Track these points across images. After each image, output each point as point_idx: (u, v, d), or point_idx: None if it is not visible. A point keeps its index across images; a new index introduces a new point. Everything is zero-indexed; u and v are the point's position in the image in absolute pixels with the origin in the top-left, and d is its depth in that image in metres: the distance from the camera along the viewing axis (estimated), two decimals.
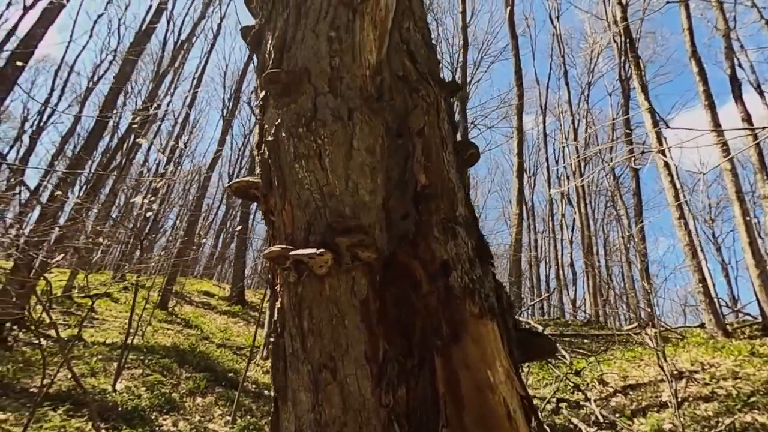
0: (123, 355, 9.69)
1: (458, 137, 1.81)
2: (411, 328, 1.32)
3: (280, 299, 1.47)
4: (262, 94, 1.63)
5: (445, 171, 1.56)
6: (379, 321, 1.32)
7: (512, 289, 15.81)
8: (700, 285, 14.13)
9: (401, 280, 1.40)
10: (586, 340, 16.77)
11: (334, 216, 1.37)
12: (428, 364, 1.25)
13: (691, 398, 8.60)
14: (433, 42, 2.03)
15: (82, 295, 17.18)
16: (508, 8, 22.51)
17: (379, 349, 1.29)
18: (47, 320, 13.85)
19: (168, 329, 16.44)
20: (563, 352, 12.83)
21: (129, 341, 10.09)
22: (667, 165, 15.27)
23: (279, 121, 1.50)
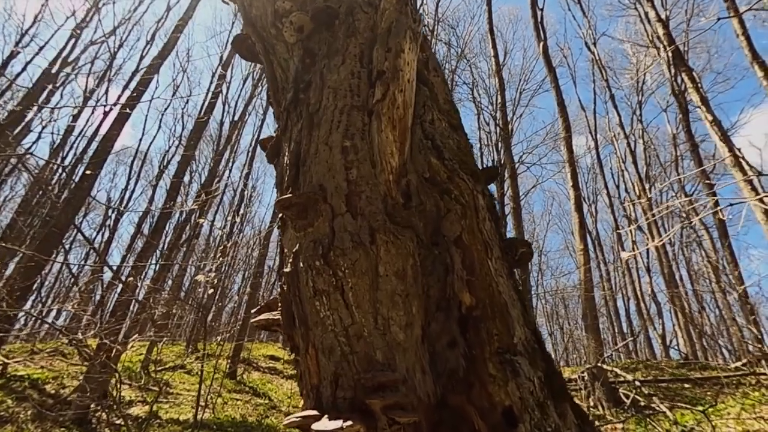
0: None
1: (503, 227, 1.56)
2: None
3: None
4: (280, 214, 1.50)
5: (493, 284, 1.30)
6: None
7: (589, 335, 14.37)
8: None
9: (458, 430, 1.13)
10: (687, 385, 14.68)
11: (363, 364, 1.14)
12: None
13: None
14: (470, 87, 1.83)
15: (158, 369, 17.91)
16: (541, 43, 22.41)
17: None
18: (127, 398, 14.42)
19: (237, 399, 16.54)
20: (661, 406, 11.21)
21: (199, 417, 10.15)
22: (749, 182, 13.81)
23: (297, 247, 1.34)
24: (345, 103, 1.49)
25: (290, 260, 1.35)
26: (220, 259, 9.93)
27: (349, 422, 0.98)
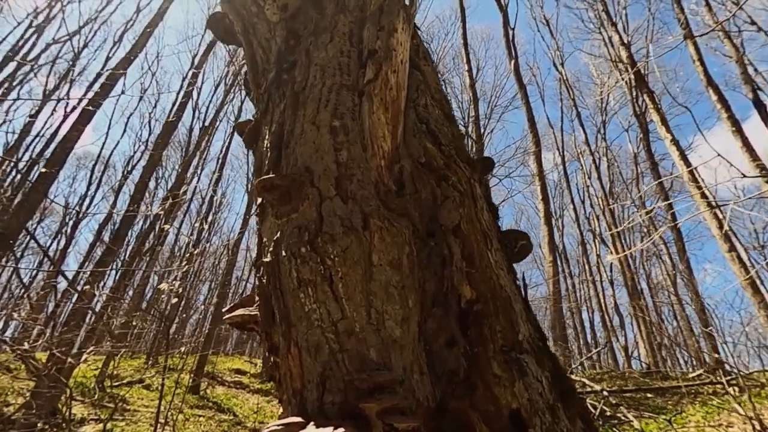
0: None
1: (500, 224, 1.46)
2: None
3: None
4: (259, 200, 1.35)
5: (494, 277, 1.20)
6: None
7: (558, 345, 14.62)
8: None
9: None
10: (650, 395, 15.09)
11: (354, 363, 1.00)
12: None
13: None
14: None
15: (115, 384, 16.89)
16: (513, 60, 23.08)
17: None
18: (78, 416, 13.46)
19: (200, 416, 15.76)
20: (628, 415, 11.43)
21: None
22: (704, 196, 14.51)
23: (278, 234, 1.20)
24: (334, 82, 1.37)
25: (270, 249, 1.21)
26: (186, 267, 9.48)
27: (341, 429, 0.84)
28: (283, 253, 1.15)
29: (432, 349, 1.13)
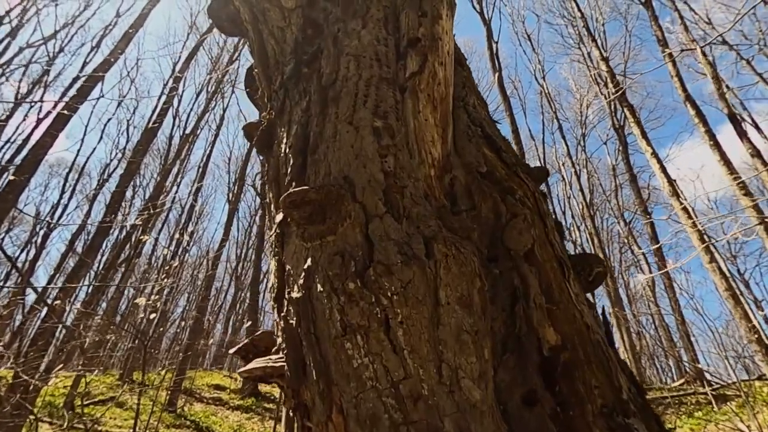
0: None
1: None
2: None
3: None
4: (279, 216, 1.08)
5: (578, 315, 0.96)
6: None
7: None
8: (753, 334, 12.94)
9: None
10: None
11: None
12: None
13: None
14: None
15: (86, 402, 16.03)
16: (497, 73, 23.34)
17: None
18: None
19: None
20: None
21: None
22: (685, 209, 14.80)
23: (309, 263, 0.94)
24: (372, 74, 1.13)
25: (300, 282, 0.94)
26: (164, 280, 9.00)
27: None
28: (320, 288, 0.88)
29: (506, 409, 0.88)
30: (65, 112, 12.88)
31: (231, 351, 1.11)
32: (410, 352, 0.80)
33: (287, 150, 1.17)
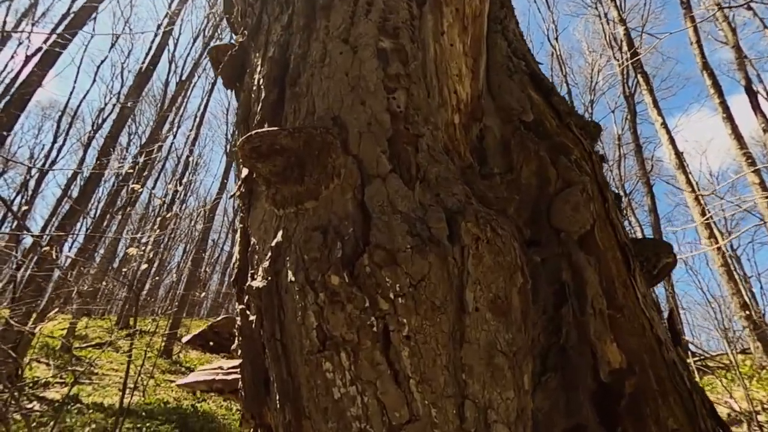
0: (118, 423, 8.74)
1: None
2: None
3: None
4: (244, 172, 0.79)
5: (647, 326, 0.70)
6: None
7: None
8: (743, 310, 13.08)
9: None
10: None
11: None
12: None
13: None
14: None
15: (83, 346, 16.35)
16: None
17: None
18: (43, 379, 12.96)
19: (172, 381, 15.44)
20: None
21: (126, 402, 9.14)
22: (689, 182, 14.57)
23: (280, 238, 0.66)
24: None
25: (266, 265, 0.67)
26: (158, 231, 8.80)
27: None
28: (290, 277, 0.61)
29: None
30: (56, 49, 12.19)
31: (184, 340, 0.85)
32: (419, 382, 0.53)
33: (260, 80, 0.86)
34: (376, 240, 0.58)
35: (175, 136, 25.90)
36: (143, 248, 8.36)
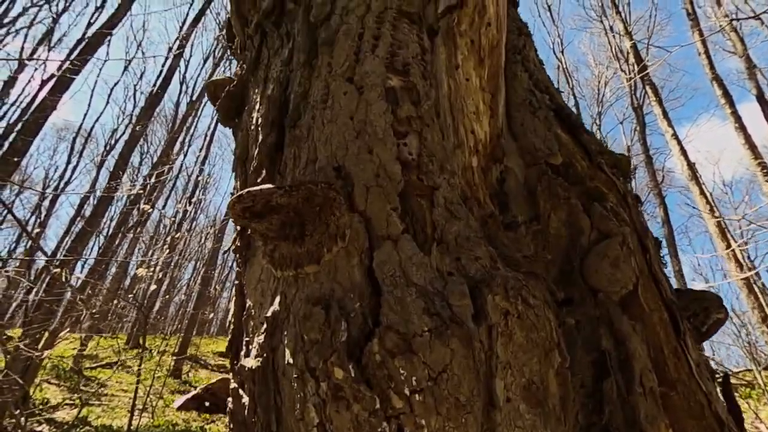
0: None
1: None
2: None
3: None
4: (239, 226, 0.71)
5: (704, 401, 0.59)
6: None
7: None
8: (764, 324, 12.68)
9: None
10: None
11: None
12: None
13: None
14: None
15: (93, 366, 16.34)
16: None
17: None
18: (53, 401, 12.94)
19: None
20: None
21: (136, 424, 9.03)
22: (703, 194, 14.34)
23: (277, 306, 0.57)
24: (386, 5, 0.72)
25: (260, 339, 0.58)
26: (167, 252, 8.80)
27: None
28: (288, 359, 0.52)
29: None
30: (68, 75, 12.52)
31: (176, 404, 0.76)
32: None
33: (259, 120, 0.79)
34: (387, 320, 0.49)
35: (185, 155, 26.35)
36: (152, 269, 8.34)
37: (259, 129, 0.76)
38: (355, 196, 0.59)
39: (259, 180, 0.72)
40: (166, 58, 21.48)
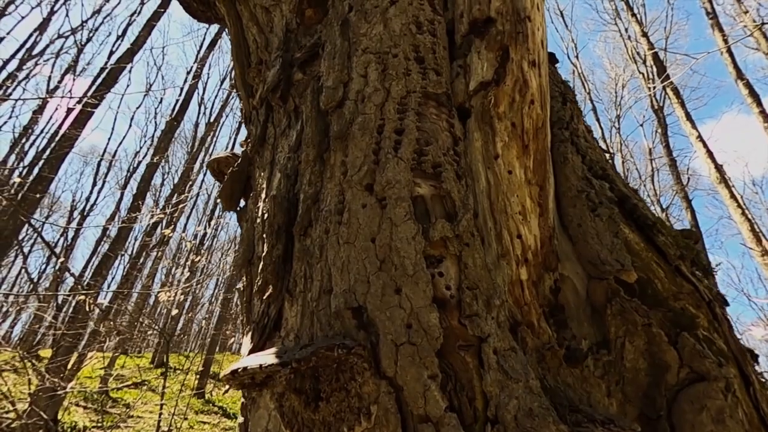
0: None
1: None
2: None
3: None
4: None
5: None
6: None
7: None
8: None
9: None
10: None
11: None
12: None
13: None
14: None
15: (119, 386, 16.57)
16: None
17: None
18: (80, 424, 13.16)
19: (204, 422, 15.34)
20: None
21: None
22: (734, 196, 13.80)
23: None
24: (408, 88, 0.60)
25: None
26: (188, 275, 8.89)
27: None
28: None
29: None
30: (92, 101, 12.98)
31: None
32: None
33: (266, 215, 0.68)
34: None
35: (205, 174, 26.99)
36: (173, 292, 8.41)
37: (264, 235, 0.64)
38: (381, 355, 0.46)
39: (264, 298, 0.60)
40: (185, 82, 22.07)
